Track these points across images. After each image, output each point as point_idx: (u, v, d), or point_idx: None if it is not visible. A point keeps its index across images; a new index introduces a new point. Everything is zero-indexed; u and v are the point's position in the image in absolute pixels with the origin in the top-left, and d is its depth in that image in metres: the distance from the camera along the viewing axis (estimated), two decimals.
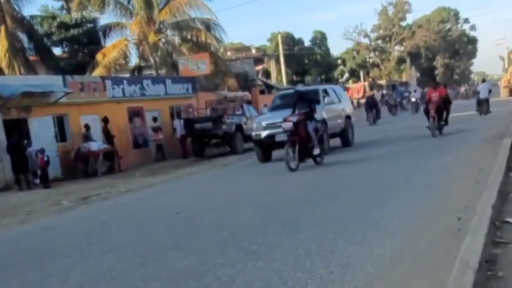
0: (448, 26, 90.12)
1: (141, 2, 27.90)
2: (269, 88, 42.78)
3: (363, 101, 70.34)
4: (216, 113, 24.60)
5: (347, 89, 74.93)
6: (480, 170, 9.89)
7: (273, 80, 50.99)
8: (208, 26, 30.37)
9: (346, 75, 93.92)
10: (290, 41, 76.90)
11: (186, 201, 11.32)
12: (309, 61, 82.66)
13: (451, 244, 5.37)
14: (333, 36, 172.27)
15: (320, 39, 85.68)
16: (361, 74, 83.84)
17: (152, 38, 28.29)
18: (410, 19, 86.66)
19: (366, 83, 78.29)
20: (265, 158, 17.39)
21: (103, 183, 17.75)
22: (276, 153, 16.60)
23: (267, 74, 56.87)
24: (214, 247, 6.51)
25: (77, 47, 31.00)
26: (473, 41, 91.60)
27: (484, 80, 32.64)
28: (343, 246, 5.85)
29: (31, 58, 31.04)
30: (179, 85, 26.68)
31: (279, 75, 70.71)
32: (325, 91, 19.01)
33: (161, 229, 8.30)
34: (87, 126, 21.05)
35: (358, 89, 76.16)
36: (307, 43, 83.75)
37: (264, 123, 17.06)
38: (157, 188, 14.84)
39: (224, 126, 23.41)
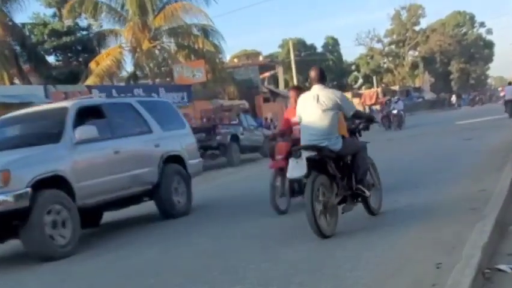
0: (464, 30, 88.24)
1: (135, 7, 26.76)
2: (275, 96, 41.48)
3: (375, 107, 69.30)
4: (211, 122, 23.37)
5: (359, 95, 74.08)
6: (481, 191, 8.50)
7: (280, 87, 49.64)
8: (206, 32, 29.13)
9: (360, 81, 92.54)
10: (302, 47, 75.78)
11: None
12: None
13: None
14: (346, 42, 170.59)
15: (332, 45, 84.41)
16: (374, 79, 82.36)
17: (146, 45, 27.12)
18: (423, 23, 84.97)
19: (379, 89, 76.84)
20: None
21: None
22: None
23: (276, 81, 55.68)
24: None
25: (71, 55, 29.94)
26: (489, 45, 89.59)
27: (510, 83, 32.05)
28: None
29: (26, 67, 30.17)
30: (173, 94, 25.47)
31: (291, 81, 69.55)
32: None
33: None
34: None
35: (371, 95, 74.66)
36: (319, 49, 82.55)
37: None
38: None
39: (218, 137, 22.12)
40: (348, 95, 74.11)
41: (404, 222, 7.07)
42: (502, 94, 33.53)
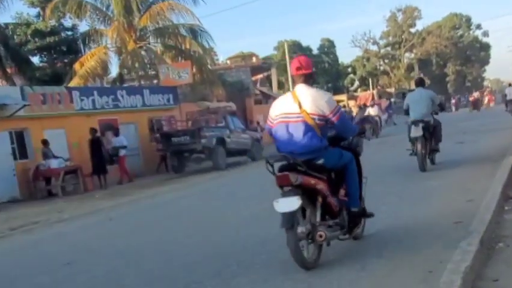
0: (460, 32, 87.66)
1: (120, 7, 25.93)
2: (267, 97, 40.71)
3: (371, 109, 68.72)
4: (197, 125, 22.65)
5: (354, 98, 73.40)
6: (468, 202, 7.78)
7: (274, 89, 48.89)
8: (195, 33, 28.31)
9: (356, 83, 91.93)
10: (297, 49, 75.00)
11: (99, 243, 9.22)
12: (316, 69, 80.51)
13: None
14: (342, 44, 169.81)
15: (328, 47, 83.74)
16: (370, 82, 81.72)
17: (131, 45, 26.32)
18: (419, 25, 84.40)
19: (375, 91, 76.16)
20: None
21: (54, 206, 15.85)
22: None
23: (270, 83, 54.89)
24: None
25: (56, 56, 29.08)
26: (486, 47, 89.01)
27: (510, 84, 32.16)
28: None
29: (10, 69, 29.38)
30: (158, 96, 24.68)
31: (286, 83, 68.79)
32: None
33: None
34: (45, 142, 19.05)
35: (366, 97, 74.00)
36: (315, 51, 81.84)
37: None
38: (98, 216, 12.77)
39: (203, 140, 21.39)
40: (344, 97, 73.87)
41: (380, 240, 6.34)
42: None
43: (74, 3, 26.25)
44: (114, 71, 29.78)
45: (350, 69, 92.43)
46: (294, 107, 5.50)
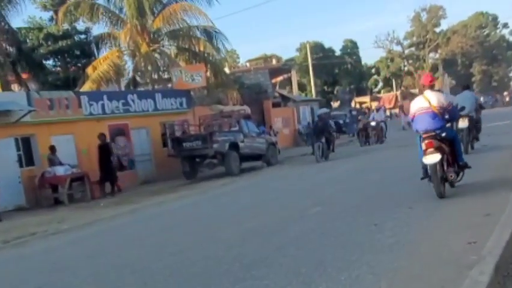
0: (486, 31, 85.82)
1: (133, 9, 25.35)
2: (286, 100, 39.89)
3: (394, 111, 67.52)
4: (209, 129, 21.97)
5: (378, 99, 72.24)
6: (485, 217, 6.97)
7: (294, 91, 48.05)
8: (209, 34, 27.65)
9: (380, 84, 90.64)
10: (320, 50, 73.99)
11: (86, 260, 8.58)
12: (339, 71, 79.56)
13: None
14: (366, 45, 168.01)
15: (351, 48, 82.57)
16: (393, 83, 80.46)
17: (144, 48, 25.74)
18: (444, 25, 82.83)
19: (398, 93, 74.93)
20: None
21: (57, 216, 15.28)
22: None
23: (291, 85, 54.03)
24: None
25: (69, 60, 28.65)
26: None
27: None
28: None
29: (24, 74, 29.09)
30: (171, 99, 24.03)
31: (309, 85, 67.79)
32: None
33: None
34: (52, 148, 18.53)
35: (390, 98, 72.91)
36: (337, 53, 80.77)
37: None
38: (96, 227, 12.15)
39: (215, 145, 20.71)
40: (367, 98, 72.77)
41: (380, 263, 5.57)
42: None
43: (87, 6, 25.80)
44: (129, 74, 29.20)
45: (373, 70, 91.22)
46: (426, 104, 9.08)
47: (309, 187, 13.84)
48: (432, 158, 8.64)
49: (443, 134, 8.94)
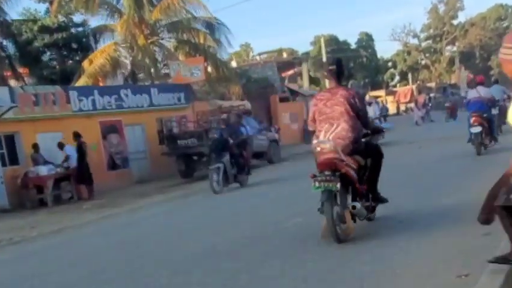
0: (506, 23, 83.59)
1: (130, 0, 24.29)
2: (295, 95, 38.61)
3: (410, 105, 65.83)
4: (205, 126, 20.85)
5: (393, 93, 70.58)
6: (484, 236, 5.74)
7: (305, 85, 46.73)
8: (211, 27, 26.47)
9: (397, 78, 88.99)
10: (334, 43, 72.57)
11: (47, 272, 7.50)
12: (354, 64, 78.12)
13: None
14: (381, 38, 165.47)
15: (366, 41, 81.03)
16: (409, 76, 78.77)
17: (141, 41, 24.63)
18: (462, 17, 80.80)
19: (414, 86, 73.22)
20: None
21: (33, 220, 14.35)
22: None
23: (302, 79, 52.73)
24: None
25: (66, 54, 27.61)
26: None
27: None
28: None
29: (21, 68, 28.18)
30: (168, 94, 22.95)
31: (322, 80, 66.39)
32: None
33: None
34: (35, 147, 17.53)
35: (405, 92, 71.09)
36: (353, 46, 79.28)
37: None
38: (62, 237, 11.11)
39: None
40: (382, 92, 71.24)
41: None
42: None
43: None
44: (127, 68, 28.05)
45: (390, 64, 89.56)
46: (477, 94, 13.88)
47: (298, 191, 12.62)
48: (476, 129, 13.31)
49: (485, 115, 13.76)
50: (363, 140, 6.90)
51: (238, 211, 10.97)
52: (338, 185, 6.11)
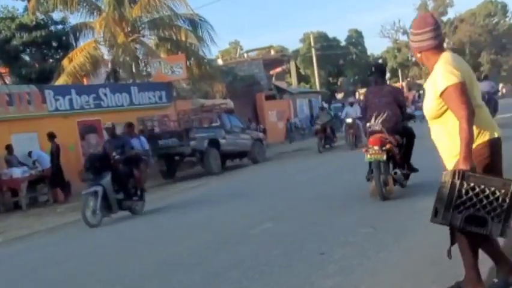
0: (495, 20, 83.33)
1: None
2: (282, 92, 38.16)
3: None
4: (186, 125, 20.32)
5: None
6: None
7: (293, 83, 46.29)
8: (194, 24, 25.90)
9: (388, 75, 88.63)
10: (324, 40, 72.05)
11: None
12: (344, 61, 77.69)
13: None
14: (371, 35, 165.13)
15: (356, 38, 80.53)
16: (399, 73, 78.42)
17: (121, 38, 24.05)
18: (451, 13, 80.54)
19: (404, 83, 72.93)
20: None
21: (4, 224, 13.86)
22: None
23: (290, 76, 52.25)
24: None
25: (46, 52, 26.92)
26: None
27: None
28: None
29: (2, 68, 27.61)
30: (149, 93, 22.38)
31: (312, 77, 65.97)
32: None
33: None
34: (9, 148, 16.94)
35: None
36: (342, 43, 78.78)
37: None
38: (32, 242, 10.56)
39: (192, 142, 19.09)
40: None
41: None
42: None
43: None
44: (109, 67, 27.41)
45: (380, 61, 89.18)
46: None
47: (277, 191, 12.16)
48: None
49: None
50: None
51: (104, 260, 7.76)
52: (384, 157, 8.28)
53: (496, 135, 3.67)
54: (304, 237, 6.81)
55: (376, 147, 8.24)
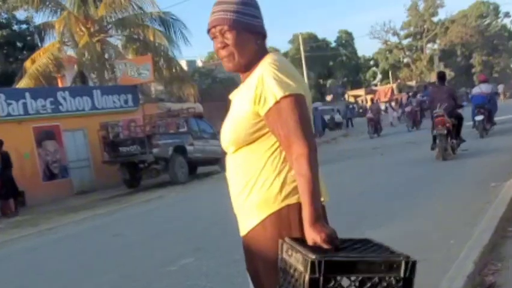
0: (487, 20, 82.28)
1: None
2: None
3: (392, 104, 64.21)
4: (150, 131, 18.95)
5: (373, 92, 68.91)
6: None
7: None
8: (166, 23, 24.54)
9: (379, 76, 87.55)
10: (313, 42, 70.86)
11: None
12: (334, 63, 76.52)
13: None
14: (361, 37, 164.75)
15: (346, 39, 79.41)
16: (390, 75, 77.30)
17: (85, 39, 22.66)
18: (442, 14, 79.44)
19: (394, 85, 71.83)
20: None
21: None
22: None
23: None
24: None
25: (8, 53, 25.52)
26: None
27: None
28: None
29: None
30: (113, 96, 21.05)
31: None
32: None
33: None
34: None
35: (385, 91, 69.57)
36: (332, 44, 77.65)
37: None
38: None
39: (155, 150, 17.76)
40: (362, 92, 69.70)
41: None
42: None
43: None
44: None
45: (372, 62, 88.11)
46: (480, 90, 17.58)
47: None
48: (480, 117, 16.17)
49: (486, 106, 16.51)
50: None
51: None
52: (445, 132, 12.00)
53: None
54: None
55: (440, 126, 11.93)
